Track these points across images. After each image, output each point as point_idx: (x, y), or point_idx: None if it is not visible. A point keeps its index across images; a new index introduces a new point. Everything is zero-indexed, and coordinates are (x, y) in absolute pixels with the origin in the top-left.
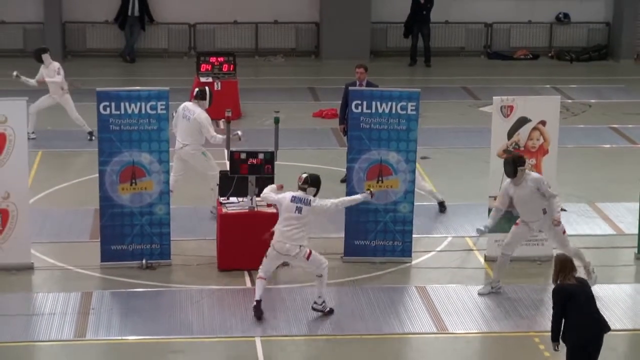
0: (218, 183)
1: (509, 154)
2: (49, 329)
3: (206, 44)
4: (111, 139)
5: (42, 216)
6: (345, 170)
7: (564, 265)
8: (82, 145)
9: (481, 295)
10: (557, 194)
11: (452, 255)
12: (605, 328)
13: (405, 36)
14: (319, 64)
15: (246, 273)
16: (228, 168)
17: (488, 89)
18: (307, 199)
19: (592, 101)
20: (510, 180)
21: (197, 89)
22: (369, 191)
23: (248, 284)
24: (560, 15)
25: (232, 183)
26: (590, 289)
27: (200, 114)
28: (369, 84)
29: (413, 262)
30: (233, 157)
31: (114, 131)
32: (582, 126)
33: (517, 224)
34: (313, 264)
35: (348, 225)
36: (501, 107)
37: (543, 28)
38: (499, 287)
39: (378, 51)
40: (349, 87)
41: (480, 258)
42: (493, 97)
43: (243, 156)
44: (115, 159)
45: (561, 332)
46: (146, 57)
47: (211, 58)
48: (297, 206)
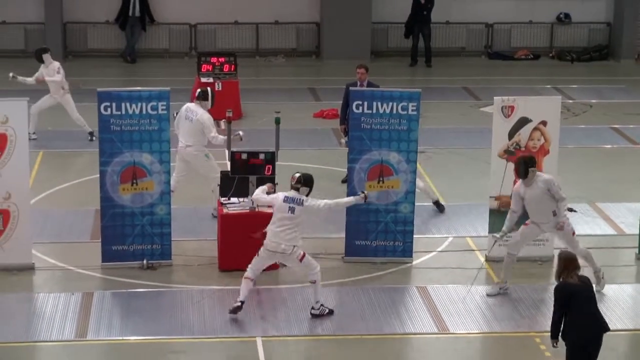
0: (219, 184)
1: (510, 154)
2: (50, 330)
3: (207, 44)
4: (112, 140)
5: (43, 216)
6: (346, 170)
7: (568, 262)
8: (83, 145)
9: (489, 296)
10: (566, 197)
11: (453, 255)
12: (604, 328)
13: (406, 36)
14: (320, 64)
15: None
16: (229, 168)
17: (489, 89)
18: (300, 199)
19: (593, 101)
20: (521, 181)
21: (199, 90)
22: (363, 193)
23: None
24: (561, 15)
25: (233, 183)
26: (592, 289)
27: (202, 115)
28: (370, 84)
29: (414, 263)
30: (234, 158)
31: (115, 131)
32: (583, 126)
33: (527, 224)
34: (305, 267)
35: (349, 225)
36: (502, 108)
37: (544, 28)
38: (507, 288)
39: (379, 51)
40: (350, 88)
41: (481, 258)
42: (494, 98)
43: (244, 157)
44: (116, 160)
45: (561, 331)
46: (147, 58)
47: (212, 58)
48: (290, 206)
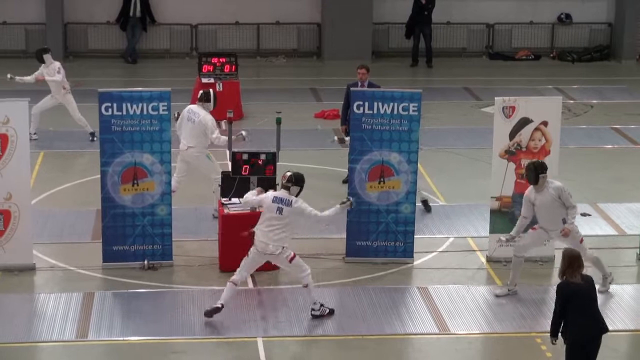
0: (220, 184)
1: (511, 154)
2: (51, 330)
3: (208, 45)
4: (113, 140)
5: (44, 217)
6: (347, 171)
7: (572, 261)
8: (84, 146)
9: (498, 296)
10: (576, 206)
11: (454, 255)
12: (603, 329)
13: (406, 37)
14: (321, 65)
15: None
16: (230, 169)
17: (490, 90)
18: (289, 200)
19: (594, 102)
20: (532, 187)
21: (202, 91)
22: (348, 200)
23: (250, 285)
24: (562, 15)
25: (234, 184)
26: (594, 289)
27: (205, 116)
28: (371, 85)
29: (415, 263)
30: (235, 158)
31: (116, 132)
32: (584, 127)
33: (535, 229)
34: (295, 268)
35: (350, 225)
36: (503, 108)
37: (545, 28)
38: (516, 289)
39: (380, 52)
40: (351, 88)
41: (482, 258)
42: (495, 98)
43: (245, 157)
44: (117, 160)
45: (561, 329)
46: (148, 58)
47: (213, 59)
48: (279, 207)
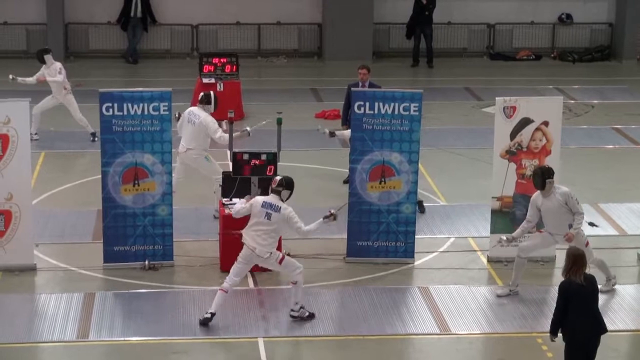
0: (221, 185)
1: (512, 154)
2: (52, 330)
3: (209, 45)
4: (114, 140)
5: (45, 217)
6: (347, 171)
7: (576, 260)
8: (85, 146)
9: (500, 296)
10: (583, 212)
11: (455, 256)
12: (602, 329)
13: (407, 37)
14: (322, 65)
15: (249, 274)
16: (231, 169)
17: (490, 90)
18: (278, 206)
19: (595, 102)
20: (539, 192)
21: (202, 94)
22: (331, 215)
23: (251, 285)
24: (562, 15)
25: (235, 184)
26: (596, 289)
27: (206, 118)
28: (372, 85)
29: (416, 263)
30: (236, 158)
31: (117, 132)
32: (585, 127)
33: (541, 232)
34: (287, 268)
35: (350, 226)
36: (504, 108)
37: (545, 29)
38: (517, 290)
39: (380, 52)
40: (352, 88)
41: (483, 259)
42: (496, 98)
43: (246, 157)
44: (117, 160)
45: (561, 328)
46: (149, 58)
47: (214, 59)
48: (267, 212)
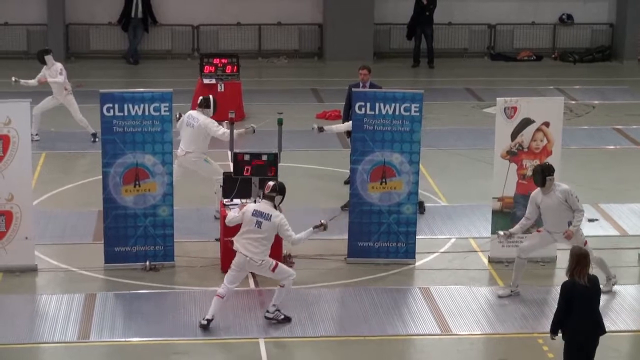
0: (222, 185)
1: (513, 155)
2: (53, 331)
3: (209, 46)
4: (115, 141)
5: (46, 218)
6: (348, 171)
7: (579, 260)
8: (86, 146)
9: (501, 297)
10: (583, 210)
11: (456, 256)
12: (601, 331)
13: (408, 37)
14: (322, 66)
15: (250, 275)
16: (232, 170)
17: (491, 90)
18: (268, 214)
19: (596, 102)
20: (539, 189)
21: (201, 97)
22: (322, 224)
23: (252, 285)
24: (563, 16)
25: (236, 185)
26: (599, 291)
27: (205, 120)
28: (373, 86)
29: (417, 264)
30: (237, 159)
31: (118, 133)
32: (586, 127)
33: (540, 231)
34: (280, 275)
35: (351, 226)
36: (505, 109)
37: (546, 29)
38: (518, 290)
39: (381, 52)
40: (353, 89)
41: (484, 259)
42: (496, 99)
43: (247, 158)
44: (118, 161)
45: (561, 328)
46: (149, 59)
47: (214, 59)
48: (257, 220)
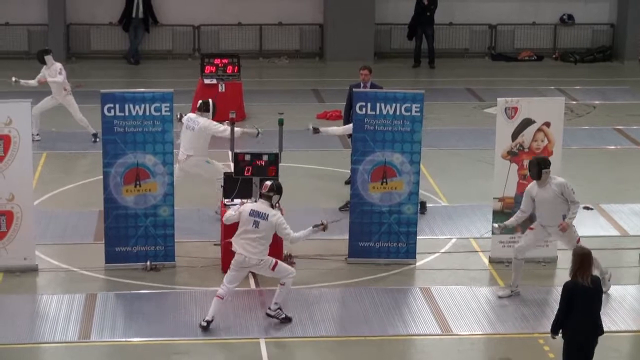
0: (222, 185)
1: (513, 155)
2: (54, 331)
3: (210, 46)
4: (115, 141)
5: (47, 218)
6: (349, 172)
7: (582, 260)
8: (87, 147)
9: (501, 297)
10: (579, 202)
11: (457, 256)
12: (600, 331)
13: (409, 38)
14: (323, 66)
15: (250, 275)
16: (232, 170)
17: (492, 91)
18: (266, 214)
19: (597, 102)
20: (534, 182)
21: (201, 101)
22: (322, 224)
23: (252, 286)
24: (564, 16)
25: (237, 185)
26: (600, 292)
27: (205, 121)
28: (373, 86)
29: (417, 264)
30: (237, 159)
31: (118, 133)
32: (587, 127)
33: (533, 228)
34: (280, 274)
35: (352, 226)
36: (505, 109)
37: (547, 29)
38: (518, 290)
39: (382, 53)
40: (353, 89)
41: (484, 259)
42: (497, 99)
43: (247, 158)
44: (119, 161)
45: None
46: (150, 59)
47: (215, 60)
48: (255, 220)
